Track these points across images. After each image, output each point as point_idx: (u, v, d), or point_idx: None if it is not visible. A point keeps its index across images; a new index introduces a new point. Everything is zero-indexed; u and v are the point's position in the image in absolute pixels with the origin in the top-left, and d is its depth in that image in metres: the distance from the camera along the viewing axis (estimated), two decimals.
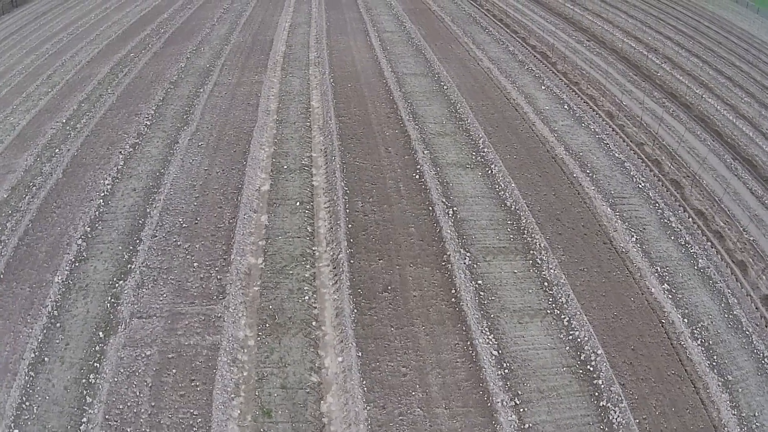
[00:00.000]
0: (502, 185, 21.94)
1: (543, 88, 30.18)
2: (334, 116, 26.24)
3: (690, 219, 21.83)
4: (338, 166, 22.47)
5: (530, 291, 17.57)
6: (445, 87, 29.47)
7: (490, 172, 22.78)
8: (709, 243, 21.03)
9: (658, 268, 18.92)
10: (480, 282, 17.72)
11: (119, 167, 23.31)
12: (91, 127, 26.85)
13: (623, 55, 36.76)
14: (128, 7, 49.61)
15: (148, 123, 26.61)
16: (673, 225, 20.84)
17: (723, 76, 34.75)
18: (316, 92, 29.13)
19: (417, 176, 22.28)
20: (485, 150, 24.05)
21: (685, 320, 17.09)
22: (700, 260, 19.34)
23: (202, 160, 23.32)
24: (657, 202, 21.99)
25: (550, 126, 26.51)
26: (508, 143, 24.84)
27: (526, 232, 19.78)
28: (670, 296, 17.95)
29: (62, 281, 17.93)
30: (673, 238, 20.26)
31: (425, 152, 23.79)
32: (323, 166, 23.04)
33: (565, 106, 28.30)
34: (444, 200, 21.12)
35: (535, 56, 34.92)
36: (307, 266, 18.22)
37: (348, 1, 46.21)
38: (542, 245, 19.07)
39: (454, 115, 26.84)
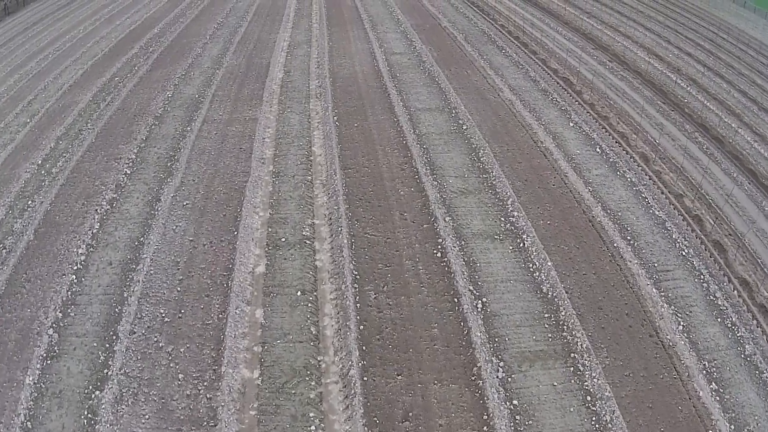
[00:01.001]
0: (537, 263, 18.54)
1: (571, 125, 26.61)
2: (340, 168, 22.74)
3: (735, 291, 18.61)
4: (345, 240, 19.01)
5: (571, 409, 14.49)
6: (464, 126, 25.84)
7: (522, 244, 19.30)
8: (754, 321, 17.88)
9: (706, 363, 15.97)
10: (515, 402, 14.61)
11: (94, 231, 19.97)
12: (67, 174, 23.54)
13: (648, 78, 33.31)
14: (119, 19, 45.88)
15: (128, 171, 23.21)
16: (719, 302, 17.79)
17: (747, 97, 31.80)
18: (318, 133, 25.57)
19: (438, 253, 18.80)
20: (515, 214, 20.54)
21: (732, 426, 14.28)
22: (746, 346, 16.36)
23: (187, 227, 19.92)
24: (702, 274, 18.79)
25: (583, 176, 22.94)
26: (540, 203, 21.33)
27: (565, 327, 16.57)
28: (718, 398, 15.08)
29: (34, 383, 14.91)
30: (719, 319, 17.27)
31: (446, 219, 20.21)
32: (328, 239, 19.58)
33: (597, 149, 24.75)
34: (471, 288, 17.74)
35: (558, 83, 31.19)
36: (312, 383, 15.06)
37: (352, 17, 42.22)
38: (584, 346, 15.96)
39: (477, 166, 23.21)
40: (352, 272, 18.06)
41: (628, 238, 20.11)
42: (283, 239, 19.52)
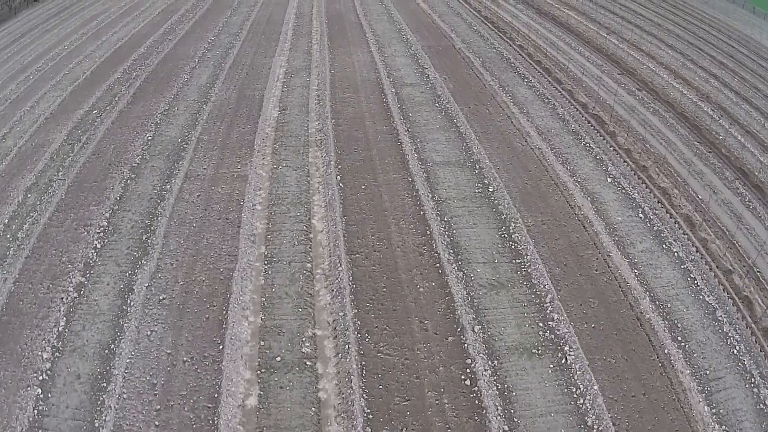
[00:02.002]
0: (581, 386, 14.19)
1: (609, 180, 21.73)
2: (345, 252, 17.95)
3: None
4: (355, 363, 14.44)
5: None
6: (490, 188, 20.86)
7: (563, 360, 14.86)
8: None
9: None
10: None
11: (60, 328, 15.70)
12: (33, 241, 19.05)
13: (680, 111, 28.38)
14: (105, 33, 40.60)
15: (98, 245, 18.63)
16: None
17: None
18: (319, 198, 20.59)
19: (467, 380, 14.28)
20: (555, 316, 16.00)
21: None
22: None
23: (164, 333, 15.44)
24: (753, 377, 14.79)
25: (627, 254, 18.39)
26: (583, 297, 16.80)
27: None
28: None
29: None
30: None
31: (476, 328, 15.60)
32: (333, 360, 15.03)
33: (640, 213, 20.06)
34: (506, 429, 13.30)
35: (588, 122, 26.32)
36: None
37: (356, 36, 36.65)
38: None
39: (508, 245, 18.44)
40: (363, 410, 13.57)
41: (679, 338, 15.89)
42: (279, 358, 14.93)
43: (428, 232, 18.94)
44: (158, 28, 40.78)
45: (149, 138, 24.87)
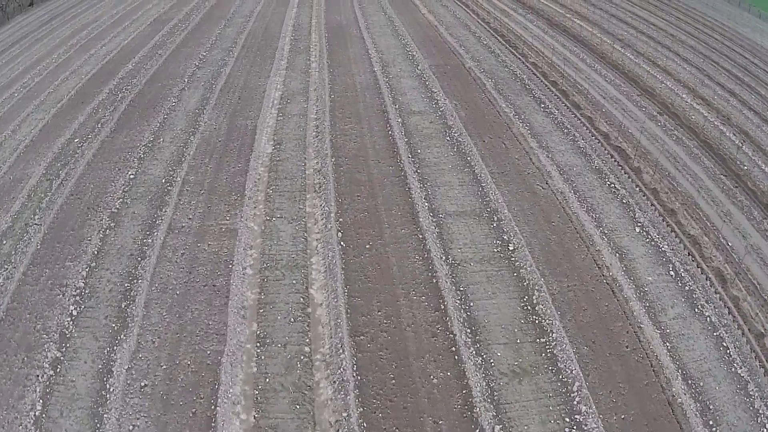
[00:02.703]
0: None
1: (637, 230, 18.63)
2: (348, 334, 14.91)
3: None
4: None
5: None
6: (510, 246, 17.77)
7: None
8: None
9: None
10: None
11: (37, 413, 13.22)
12: (7, 302, 16.33)
13: (703, 138, 25.41)
14: (94, 46, 37.26)
15: (75, 311, 15.83)
16: None
17: None
18: (318, 261, 17.38)
19: None
20: (583, 409, 13.16)
21: None
22: None
23: (146, 430, 12.98)
24: None
25: (659, 323, 15.61)
26: (612, 383, 13.88)
27: None
28: None
29: None
30: None
31: (497, 429, 12.74)
32: None
33: (671, 271, 17.21)
34: None
35: (612, 156, 23.00)
36: None
37: (358, 53, 32.79)
38: None
39: (531, 320, 15.42)
40: None
41: (711, 422, 13.18)
42: None
43: (442, 306, 15.94)
44: (148, 41, 37.28)
45: (131, 176, 21.74)
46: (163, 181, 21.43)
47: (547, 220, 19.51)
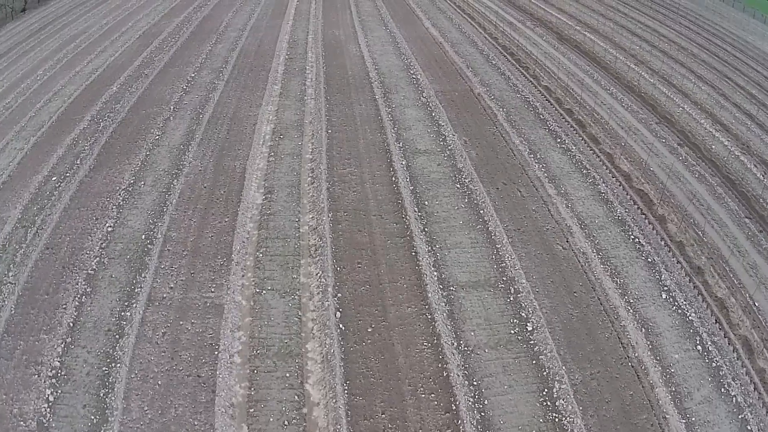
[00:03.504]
0: None
1: (664, 296, 15.95)
2: None
3: None
4: None
5: None
6: (529, 326, 14.90)
7: None
8: None
9: None
10: None
11: None
12: None
13: (725, 173, 22.48)
14: (81, 62, 33.75)
15: (51, 397, 13.26)
16: None
17: None
18: (315, 348, 14.40)
19: None
20: None
21: None
22: None
23: None
24: None
25: (684, 411, 13.39)
26: None
27: None
28: None
29: None
30: None
31: None
32: None
33: (698, 345, 14.80)
34: None
35: (634, 203, 20.04)
36: None
37: (357, 75, 29.14)
38: None
39: (551, 421, 12.74)
40: None
41: None
42: None
43: (453, 406, 13.13)
44: (136, 57, 33.74)
45: (109, 229, 18.74)
46: (143, 237, 18.37)
47: (569, 290, 16.57)
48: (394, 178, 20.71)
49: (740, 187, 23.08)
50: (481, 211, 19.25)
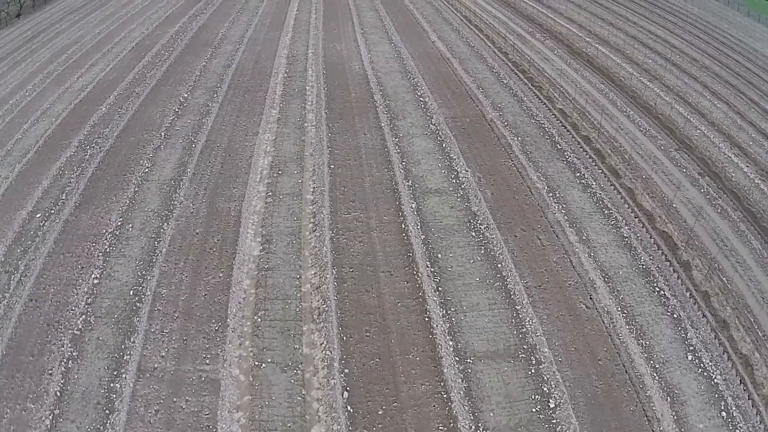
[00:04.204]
0: None
1: (689, 357, 14.52)
2: None
3: None
4: None
5: None
6: (551, 404, 13.04)
7: None
8: None
9: None
10: None
11: None
12: None
13: (747, 206, 20.85)
14: (72, 76, 31.23)
15: None
16: None
17: None
18: None
19: None
20: None
21: None
22: None
23: None
24: None
25: None
26: None
27: None
28: None
29: None
30: None
31: None
32: None
33: (722, 412, 13.52)
34: None
35: (658, 248, 18.03)
36: None
37: (362, 98, 26.63)
38: None
39: None
40: None
41: None
42: None
43: None
44: (127, 73, 31.13)
45: (95, 281, 16.75)
46: (131, 293, 16.28)
47: (593, 358, 14.64)
48: (403, 225, 18.47)
49: (762, 221, 21.20)
50: (499, 265, 17.15)
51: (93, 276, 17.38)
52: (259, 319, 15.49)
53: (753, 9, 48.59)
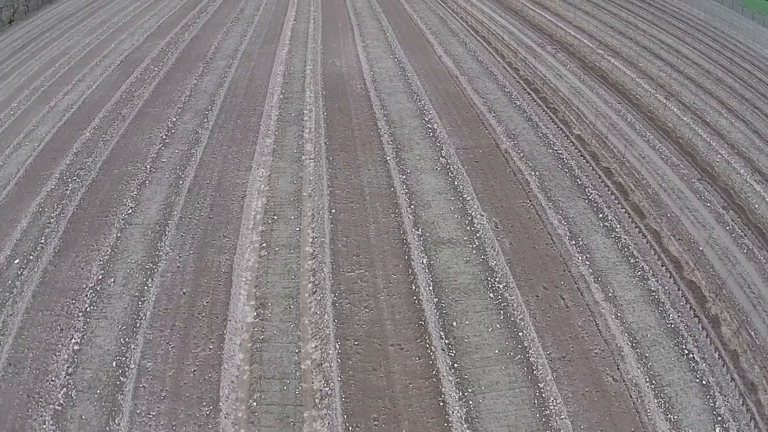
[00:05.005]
0: None
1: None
2: None
3: None
4: None
5: None
6: None
7: None
8: None
9: None
10: None
11: None
12: None
13: None
14: (57, 93, 28.85)
15: None
16: None
17: None
18: None
19: None
20: None
21: None
22: None
23: None
24: None
25: None
26: None
27: None
28: None
29: None
30: None
31: None
32: None
33: None
34: None
35: (686, 301, 16.16)
36: None
37: (363, 122, 24.06)
38: None
39: None
40: None
41: None
42: None
43: None
44: (114, 92, 28.48)
45: (76, 347, 14.65)
46: (114, 364, 14.10)
47: None
48: (413, 286, 16.10)
49: None
50: (520, 333, 14.88)
51: (73, 341, 15.19)
52: (255, 403, 13.28)
53: (754, 11, 46.62)
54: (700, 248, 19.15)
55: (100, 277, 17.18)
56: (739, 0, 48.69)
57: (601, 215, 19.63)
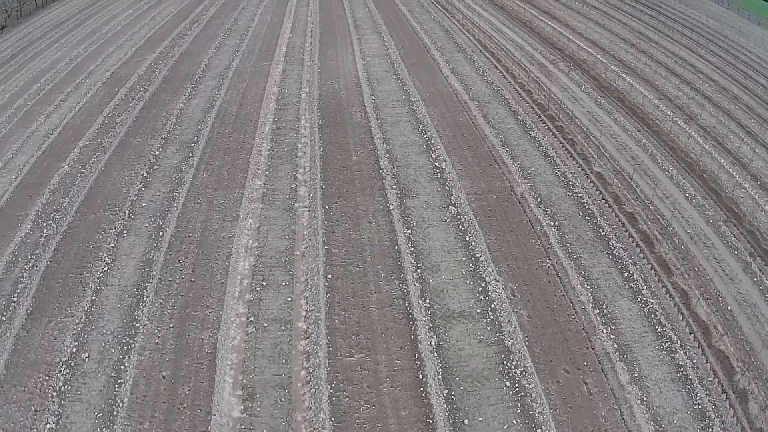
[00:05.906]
0: None
1: None
2: None
3: None
4: None
5: None
6: None
7: None
8: None
9: None
10: None
11: None
12: None
13: None
14: (38, 117, 26.61)
15: None
16: None
17: None
18: None
19: None
20: None
21: None
22: None
23: None
24: None
25: None
26: None
27: None
28: None
29: None
30: None
31: None
32: None
33: None
34: None
35: (715, 376, 14.23)
36: None
37: (364, 163, 21.43)
38: None
39: None
40: None
41: None
42: None
43: None
44: (96, 116, 26.01)
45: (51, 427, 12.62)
46: None
47: None
48: (420, 375, 13.61)
49: None
50: (539, 430, 12.42)
51: (48, 426, 12.91)
52: None
53: (761, 17, 44.17)
54: (729, 308, 16.75)
55: (74, 350, 14.80)
56: (739, 2, 46.46)
57: (626, 273, 17.22)
